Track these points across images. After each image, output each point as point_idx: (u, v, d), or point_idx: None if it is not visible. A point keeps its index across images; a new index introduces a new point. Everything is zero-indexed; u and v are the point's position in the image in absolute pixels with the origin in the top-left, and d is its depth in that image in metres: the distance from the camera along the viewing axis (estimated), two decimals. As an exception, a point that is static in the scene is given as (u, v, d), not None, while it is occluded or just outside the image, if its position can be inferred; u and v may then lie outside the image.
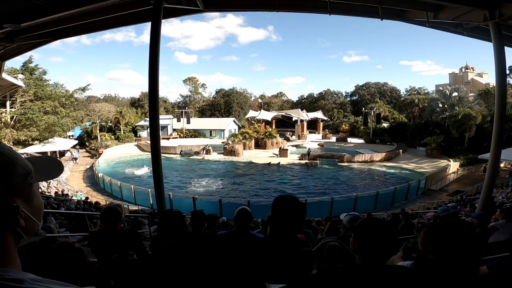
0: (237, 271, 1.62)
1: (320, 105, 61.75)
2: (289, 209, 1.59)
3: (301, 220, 1.64)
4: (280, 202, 1.62)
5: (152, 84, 6.34)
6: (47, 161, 0.85)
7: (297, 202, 1.62)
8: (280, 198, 1.65)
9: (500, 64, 6.29)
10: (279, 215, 1.61)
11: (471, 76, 58.78)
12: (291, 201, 1.62)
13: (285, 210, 1.60)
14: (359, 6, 7.36)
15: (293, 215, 1.60)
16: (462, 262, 1.47)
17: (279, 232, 1.61)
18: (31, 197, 0.74)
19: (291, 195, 1.71)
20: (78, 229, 6.82)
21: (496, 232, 3.86)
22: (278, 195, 1.72)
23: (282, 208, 1.61)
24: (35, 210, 0.76)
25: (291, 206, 1.60)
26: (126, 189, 18.14)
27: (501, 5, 5.78)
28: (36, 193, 0.78)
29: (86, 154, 34.64)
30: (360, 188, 19.99)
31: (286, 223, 1.60)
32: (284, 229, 1.61)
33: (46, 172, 0.83)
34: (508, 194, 12.18)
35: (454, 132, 29.11)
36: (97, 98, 64.15)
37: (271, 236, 1.65)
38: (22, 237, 0.69)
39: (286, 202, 1.62)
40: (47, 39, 9.10)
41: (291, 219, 1.60)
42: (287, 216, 1.59)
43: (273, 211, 1.63)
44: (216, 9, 7.91)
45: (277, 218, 1.61)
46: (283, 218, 1.60)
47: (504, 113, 6.67)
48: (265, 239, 1.68)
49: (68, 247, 1.53)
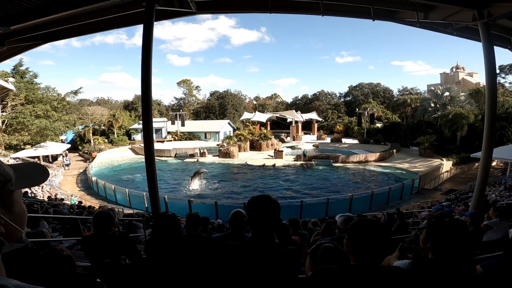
0: (227, 275, 1.59)
1: (315, 106, 62.16)
2: (263, 209, 1.57)
3: (276, 218, 1.60)
4: (254, 203, 1.60)
5: (145, 86, 6.29)
6: (31, 168, 0.83)
7: (270, 200, 1.59)
8: (253, 199, 1.62)
9: (490, 64, 6.38)
10: (254, 216, 1.58)
11: (462, 75, 59.80)
12: (263, 200, 1.59)
13: (259, 210, 1.57)
14: (351, 7, 7.43)
15: (268, 214, 1.57)
16: (461, 261, 1.47)
17: (258, 233, 1.59)
18: (11, 204, 0.73)
19: (264, 194, 1.68)
20: (72, 233, 6.72)
21: (490, 231, 3.89)
22: (251, 196, 1.69)
23: (256, 208, 1.58)
24: (17, 217, 0.74)
25: (264, 205, 1.57)
26: (120, 192, 17.94)
27: (489, 5, 5.87)
28: (18, 200, 0.76)
29: (79, 158, 34.23)
30: (355, 188, 20.08)
31: (263, 223, 1.57)
32: (262, 229, 1.58)
33: (29, 179, 0.81)
34: (501, 192, 12.35)
35: (446, 131, 29.48)
36: (89, 101, 63.60)
37: (253, 238, 1.62)
38: (3, 244, 0.67)
39: (259, 202, 1.59)
40: (37, 42, 8.99)
41: (267, 218, 1.57)
42: (262, 216, 1.56)
43: (248, 212, 1.61)
44: (209, 11, 7.90)
45: (253, 219, 1.59)
46: (258, 218, 1.57)
47: (494, 112, 6.76)
48: (248, 241, 1.65)
49: (55, 254, 1.49)
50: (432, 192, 19.42)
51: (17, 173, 0.75)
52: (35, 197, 14.67)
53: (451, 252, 1.49)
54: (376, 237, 1.37)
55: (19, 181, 0.74)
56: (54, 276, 1.35)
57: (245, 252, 1.57)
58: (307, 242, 4.47)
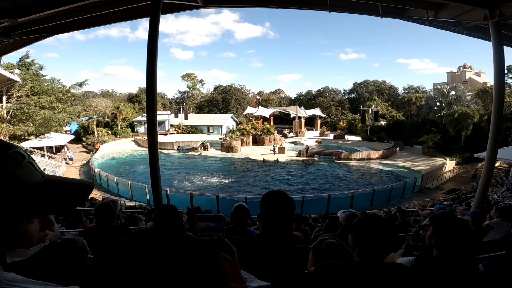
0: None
1: (318, 102, 61.76)
2: (278, 206, 1.51)
3: (291, 216, 1.55)
4: (269, 199, 1.54)
5: (150, 79, 6.30)
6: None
7: (286, 197, 1.53)
8: (268, 194, 1.56)
9: (499, 63, 6.31)
10: (268, 212, 1.53)
11: (469, 75, 59.04)
12: (279, 197, 1.53)
13: (274, 207, 1.52)
14: (359, 4, 7.32)
15: (283, 212, 1.51)
16: (464, 259, 1.48)
17: (270, 230, 1.55)
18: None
19: (280, 190, 1.61)
20: (74, 225, 6.78)
21: (492, 231, 3.89)
22: (267, 191, 1.63)
23: (270, 204, 1.53)
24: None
25: (280, 202, 1.52)
26: (122, 184, 18.07)
27: (501, 4, 5.78)
28: None
29: (82, 150, 34.44)
30: (357, 185, 20.07)
31: (276, 220, 1.52)
32: (275, 226, 1.53)
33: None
34: (503, 193, 12.29)
35: (450, 130, 29.26)
36: (94, 93, 63.68)
37: (263, 234, 1.59)
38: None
39: (275, 198, 1.53)
40: (43, 35, 9.00)
41: (281, 216, 1.52)
42: (276, 212, 1.51)
43: (262, 208, 1.56)
44: (215, 5, 7.83)
45: (267, 215, 1.54)
46: (272, 215, 1.52)
47: (501, 112, 6.70)
48: (257, 237, 1.62)
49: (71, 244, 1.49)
50: (434, 191, 19.36)
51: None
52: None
53: (454, 250, 1.51)
54: (380, 233, 1.38)
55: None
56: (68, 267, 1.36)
57: (253, 248, 1.54)
58: (308, 238, 4.50)
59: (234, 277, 0.97)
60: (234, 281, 0.97)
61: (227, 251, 0.97)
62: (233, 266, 0.97)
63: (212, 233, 0.96)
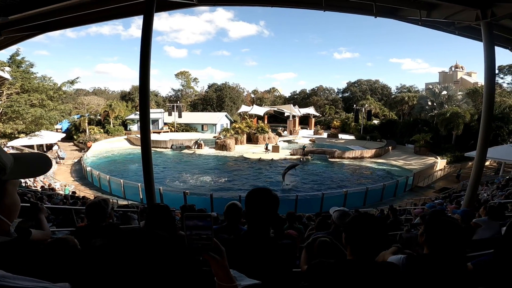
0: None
1: (312, 101, 61.99)
2: (263, 202, 1.54)
3: (275, 212, 1.58)
4: (253, 196, 1.57)
5: (143, 77, 6.24)
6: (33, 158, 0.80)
7: (270, 194, 1.56)
8: (252, 191, 1.59)
9: (490, 63, 6.40)
10: (253, 209, 1.55)
11: (460, 75, 59.81)
12: (263, 194, 1.56)
13: (258, 204, 1.54)
14: (353, 3, 7.34)
15: (267, 208, 1.54)
16: (453, 257, 1.50)
17: (256, 227, 1.57)
18: (2, 194, 0.70)
19: (265, 187, 1.64)
20: (65, 224, 6.69)
21: (480, 229, 3.95)
22: (251, 188, 1.65)
23: (255, 201, 1.55)
24: (6, 209, 0.72)
25: (264, 199, 1.55)
26: (115, 183, 17.88)
27: (493, 4, 5.85)
28: (10, 192, 0.73)
29: (74, 148, 33.95)
30: (350, 184, 20.23)
31: (261, 217, 1.55)
32: (260, 223, 1.55)
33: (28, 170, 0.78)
34: (493, 191, 12.52)
35: (442, 130, 29.68)
36: (86, 91, 62.75)
37: (249, 231, 1.61)
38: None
39: (259, 195, 1.56)
40: (34, 32, 8.82)
41: (266, 212, 1.54)
42: (261, 209, 1.54)
43: (247, 205, 1.58)
44: (210, 3, 7.76)
45: (252, 212, 1.56)
46: (257, 212, 1.55)
47: (491, 112, 6.81)
48: (244, 235, 1.64)
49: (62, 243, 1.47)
50: (425, 190, 19.63)
51: (17, 162, 0.72)
52: (28, 186, 14.57)
53: (444, 248, 1.52)
54: (373, 232, 1.39)
55: (16, 171, 0.72)
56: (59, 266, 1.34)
57: (240, 246, 1.56)
58: (301, 236, 4.51)
59: (223, 276, 0.97)
60: (223, 280, 0.97)
61: (215, 250, 0.96)
62: (222, 266, 0.97)
63: (200, 232, 0.95)
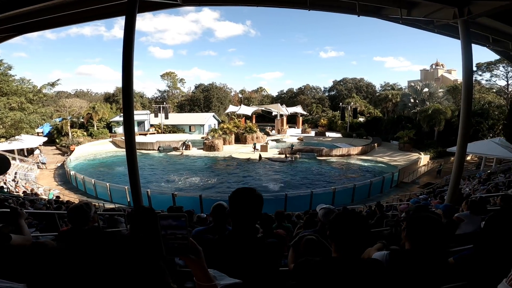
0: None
1: (300, 100, 62.49)
2: (247, 202, 1.55)
3: (259, 211, 1.59)
4: (237, 196, 1.57)
5: (127, 79, 6.10)
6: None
7: (254, 194, 1.57)
8: (236, 191, 1.59)
9: (467, 61, 6.60)
10: (237, 208, 1.56)
11: (441, 72, 61.75)
12: (247, 193, 1.57)
13: (242, 203, 1.55)
14: (337, 2, 7.45)
15: (251, 207, 1.55)
16: (434, 252, 1.53)
17: (240, 226, 1.57)
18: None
19: (249, 187, 1.65)
20: (49, 229, 6.50)
21: (463, 224, 4.01)
22: (236, 188, 1.66)
23: (239, 201, 1.56)
24: None
25: (248, 198, 1.56)
26: (101, 186, 17.45)
27: (470, 2, 6.02)
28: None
29: (56, 152, 32.92)
30: (338, 181, 20.50)
31: (246, 216, 1.56)
32: (244, 222, 1.56)
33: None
34: (475, 186, 12.94)
35: (424, 126, 30.53)
36: (67, 94, 60.98)
37: (233, 231, 1.61)
38: None
39: (243, 194, 1.57)
40: (11, 34, 8.50)
41: (250, 212, 1.55)
42: (245, 208, 1.55)
43: (231, 205, 1.59)
44: (195, 3, 7.68)
45: (236, 212, 1.57)
46: (241, 211, 1.55)
47: (470, 108, 7.03)
48: (228, 234, 1.64)
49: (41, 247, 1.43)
50: (410, 185, 20.11)
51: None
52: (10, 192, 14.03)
53: (425, 243, 1.55)
54: (356, 229, 1.40)
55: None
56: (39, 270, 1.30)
57: (224, 246, 1.55)
58: (290, 235, 4.52)
59: (202, 276, 0.97)
60: (201, 280, 0.97)
61: (192, 250, 0.96)
62: (200, 266, 0.97)
63: (175, 232, 0.95)
